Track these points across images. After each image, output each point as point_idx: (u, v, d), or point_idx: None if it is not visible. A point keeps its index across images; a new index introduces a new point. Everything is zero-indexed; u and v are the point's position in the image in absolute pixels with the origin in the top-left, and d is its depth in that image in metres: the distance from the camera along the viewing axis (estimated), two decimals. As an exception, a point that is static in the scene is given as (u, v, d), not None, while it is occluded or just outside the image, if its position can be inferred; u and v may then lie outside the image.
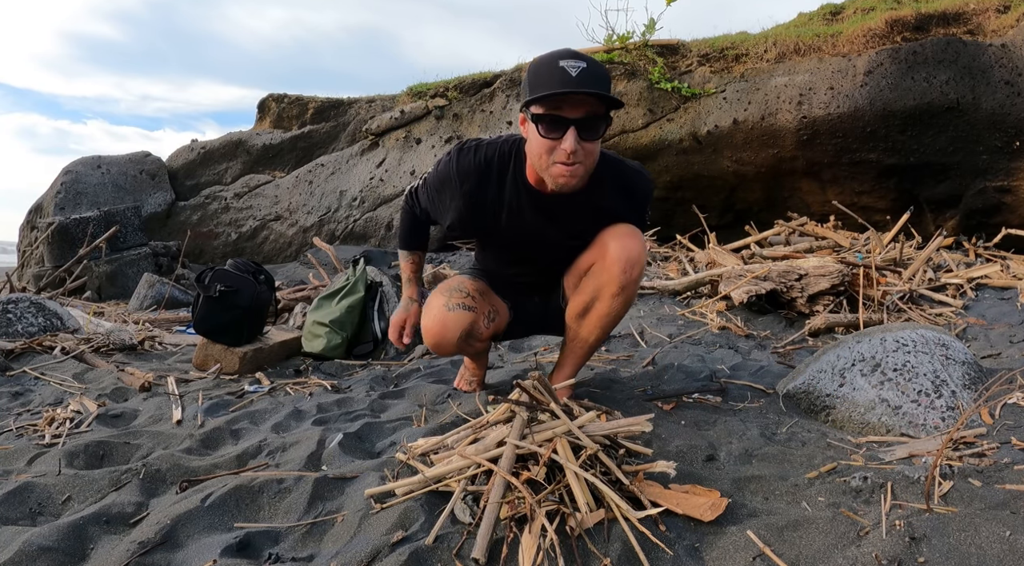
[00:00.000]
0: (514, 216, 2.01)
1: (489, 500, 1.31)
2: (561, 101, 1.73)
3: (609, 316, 2.04)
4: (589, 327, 2.08)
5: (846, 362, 2.16)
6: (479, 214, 2.02)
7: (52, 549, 1.34)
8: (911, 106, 5.94)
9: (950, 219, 6.50)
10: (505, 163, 1.98)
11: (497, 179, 1.98)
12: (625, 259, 1.96)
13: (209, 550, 1.31)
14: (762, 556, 1.25)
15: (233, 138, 9.28)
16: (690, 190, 7.04)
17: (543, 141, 1.78)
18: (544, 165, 1.82)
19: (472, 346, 2.18)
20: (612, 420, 1.59)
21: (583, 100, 1.74)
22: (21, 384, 2.79)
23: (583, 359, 2.17)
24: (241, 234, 8.64)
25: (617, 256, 1.96)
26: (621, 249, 1.96)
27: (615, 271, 1.97)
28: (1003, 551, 1.19)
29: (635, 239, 1.99)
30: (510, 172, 1.98)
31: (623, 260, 1.96)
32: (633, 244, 1.97)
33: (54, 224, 6.80)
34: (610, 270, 1.97)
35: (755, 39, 7.04)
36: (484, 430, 1.57)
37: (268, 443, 1.90)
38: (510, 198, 1.99)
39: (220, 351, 2.99)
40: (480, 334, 2.15)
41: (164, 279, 5.83)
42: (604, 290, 2.00)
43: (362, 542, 1.30)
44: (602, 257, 2.00)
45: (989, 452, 1.69)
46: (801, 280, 3.70)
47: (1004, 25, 6.26)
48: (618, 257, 1.96)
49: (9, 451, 1.94)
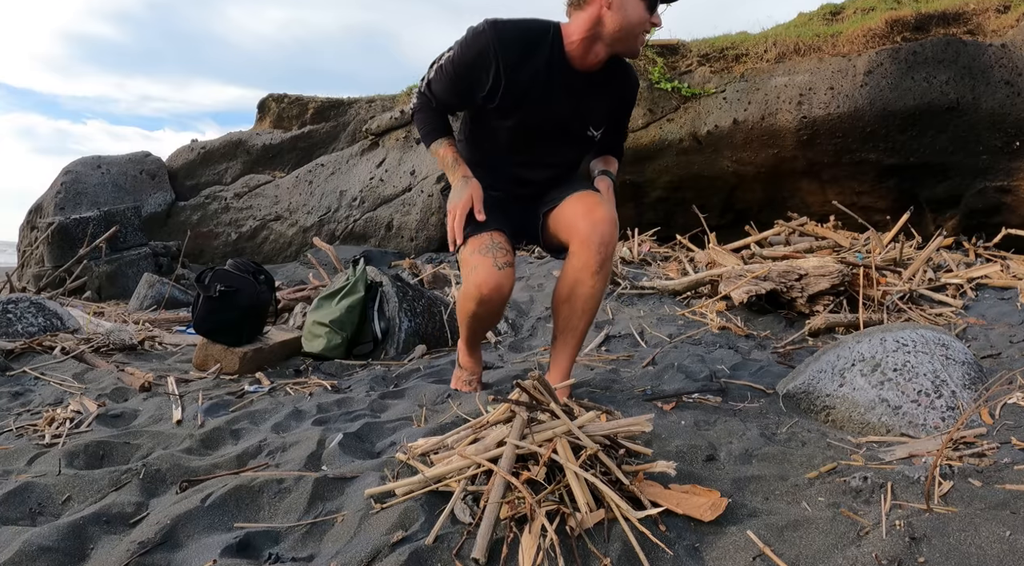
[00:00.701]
0: (544, 91, 2.08)
1: (489, 500, 1.31)
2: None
3: (594, 296, 2.09)
4: (577, 313, 2.12)
5: (846, 362, 2.16)
6: (513, 87, 2.06)
7: (52, 549, 1.34)
8: (911, 106, 5.94)
9: (950, 219, 6.50)
10: (544, 38, 2.07)
11: (536, 52, 2.05)
12: (599, 241, 2.03)
13: (209, 550, 1.31)
14: (762, 556, 1.25)
15: (233, 138, 9.28)
16: (690, 190, 7.04)
17: (644, 15, 2.01)
18: (636, 33, 2.04)
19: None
20: (612, 420, 1.59)
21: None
22: (21, 384, 2.79)
23: (576, 348, 2.20)
24: (241, 234, 8.64)
25: (589, 237, 2.03)
26: (592, 228, 2.03)
27: (591, 252, 2.04)
28: (1003, 551, 1.19)
29: (602, 209, 2.07)
30: (549, 47, 2.06)
31: (597, 242, 2.03)
32: (601, 216, 2.05)
33: (54, 224, 6.80)
34: (587, 250, 2.04)
35: (755, 39, 7.04)
36: (484, 430, 1.57)
37: (268, 443, 1.90)
38: (546, 73, 2.07)
39: (220, 351, 2.99)
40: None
41: (164, 279, 5.83)
42: (583, 272, 2.06)
43: (362, 542, 1.30)
44: (575, 237, 2.07)
45: (989, 452, 1.69)
46: (801, 280, 3.70)
47: (1004, 25, 6.26)
48: (590, 238, 2.03)
49: (9, 451, 1.94)
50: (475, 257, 2.08)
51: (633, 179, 7.12)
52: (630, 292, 4.30)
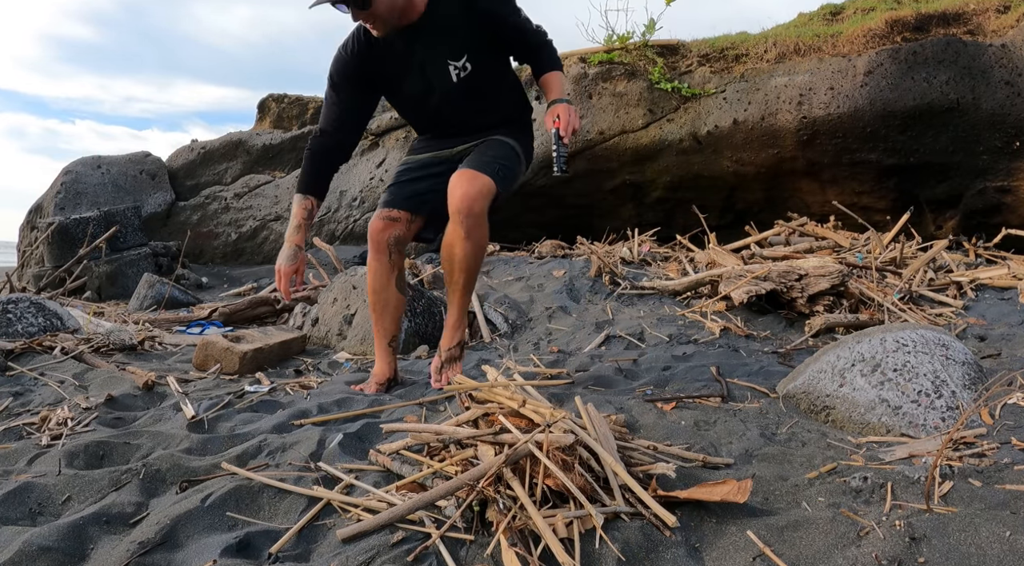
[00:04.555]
0: (399, 57, 2.34)
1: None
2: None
3: (466, 258, 2.35)
4: (456, 270, 2.39)
5: (846, 362, 2.16)
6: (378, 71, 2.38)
7: (52, 549, 1.34)
8: (911, 106, 5.94)
9: (950, 219, 6.50)
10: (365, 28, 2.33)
11: (369, 37, 2.34)
12: (461, 204, 2.25)
13: (209, 550, 1.31)
14: (762, 556, 1.25)
15: (233, 138, 9.27)
16: (690, 190, 7.03)
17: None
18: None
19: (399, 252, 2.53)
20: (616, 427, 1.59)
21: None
22: (21, 384, 2.79)
23: (461, 299, 2.46)
24: (241, 234, 8.63)
25: (459, 209, 2.26)
26: (460, 201, 2.25)
27: (457, 221, 2.27)
28: (1003, 551, 1.19)
29: (474, 183, 2.26)
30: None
31: (464, 213, 2.25)
32: (467, 191, 2.25)
33: (54, 224, 6.80)
34: (455, 219, 2.28)
35: (755, 39, 7.03)
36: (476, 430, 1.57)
37: (268, 443, 1.90)
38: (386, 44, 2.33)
39: (220, 351, 2.99)
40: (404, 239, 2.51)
41: (164, 279, 5.82)
42: (454, 236, 2.32)
43: (362, 542, 1.30)
44: (451, 208, 2.29)
45: (989, 452, 1.69)
46: (801, 280, 3.70)
47: (1004, 25, 6.26)
48: (459, 210, 2.26)
49: (9, 451, 1.94)
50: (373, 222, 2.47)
51: (633, 179, 7.12)
52: (630, 292, 4.30)
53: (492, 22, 2.34)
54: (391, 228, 2.46)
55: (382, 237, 2.45)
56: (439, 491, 1.36)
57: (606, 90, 7.00)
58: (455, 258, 2.37)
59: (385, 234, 2.45)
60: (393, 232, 2.46)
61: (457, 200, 2.26)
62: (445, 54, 2.34)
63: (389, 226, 2.45)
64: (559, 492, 1.37)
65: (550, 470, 1.36)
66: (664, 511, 1.32)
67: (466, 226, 2.27)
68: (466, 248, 2.32)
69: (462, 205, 2.26)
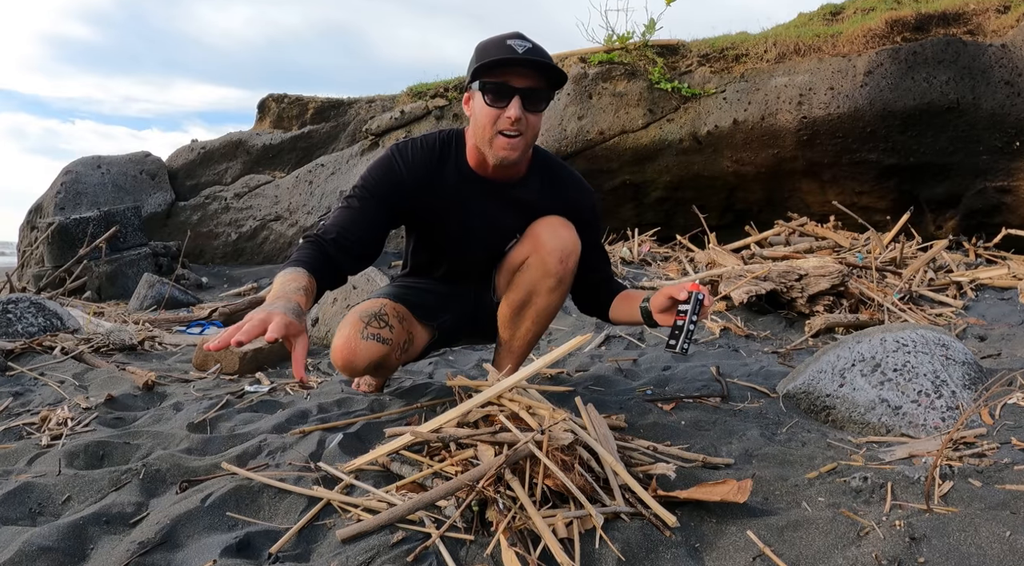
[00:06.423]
0: (457, 203, 1.98)
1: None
2: (508, 72, 1.77)
3: (547, 312, 2.03)
4: (526, 325, 2.05)
5: (846, 362, 2.16)
6: (426, 205, 1.98)
7: (52, 549, 1.34)
8: (911, 106, 5.94)
9: (950, 219, 6.50)
10: (447, 149, 1.99)
11: (440, 166, 1.97)
12: (560, 249, 1.93)
13: (209, 550, 1.31)
14: (762, 556, 1.25)
15: (233, 138, 9.27)
16: (690, 190, 7.04)
17: (489, 111, 1.81)
18: (488, 137, 1.84)
19: (381, 374, 2.17)
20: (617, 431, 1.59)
21: (528, 73, 1.78)
22: (21, 384, 2.79)
23: (522, 358, 2.13)
24: (241, 234, 8.63)
25: (552, 247, 1.93)
26: (555, 239, 1.94)
27: (552, 263, 1.94)
28: (1003, 551, 1.19)
29: (568, 228, 1.97)
30: (452, 158, 1.98)
31: (559, 251, 1.93)
32: (567, 233, 1.96)
33: (54, 224, 6.80)
34: (546, 263, 1.94)
35: (755, 39, 7.03)
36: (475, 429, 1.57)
37: (268, 443, 1.90)
38: (454, 184, 1.98)
39: (220, 351, 2.98)
40: (391, 365, 2.07)
41: (164, 279, 5.82)
42: (541, 285, 1.97)
43: (361, 542, 1.30)
44: (536, 250, 1.97)
45: (989, 452, 1.69)
46: (801, 280, 3.70)
47: (1004, 25, 6.26)
48: (553, 247, 1.93)
49: (9, 451, 1.94)
50: (350, 318, 1.97)
51: (633, 179, 7.13)
52: (630, 292, 4.30)
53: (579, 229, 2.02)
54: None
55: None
56: (439, 491, 1.36)
57: (606, 90, 7.00)
58: (534, 306, 2.01)
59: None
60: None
61: (553, 238, 1.94)
62: (511, 226, 2.04)
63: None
64: (559, 492, 1.37)
65: (550, 470, 1.36)
66: (664, 511, 1.33)
67: (564, 268, 1.94)
68: (551, 299, 2.00)
69: (563, 254, 1.94)
